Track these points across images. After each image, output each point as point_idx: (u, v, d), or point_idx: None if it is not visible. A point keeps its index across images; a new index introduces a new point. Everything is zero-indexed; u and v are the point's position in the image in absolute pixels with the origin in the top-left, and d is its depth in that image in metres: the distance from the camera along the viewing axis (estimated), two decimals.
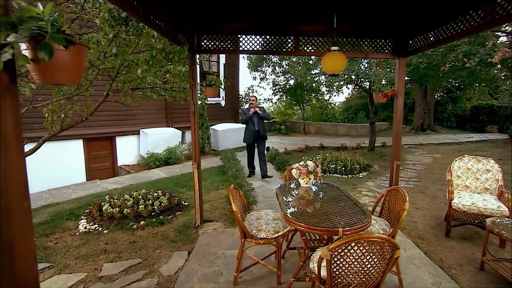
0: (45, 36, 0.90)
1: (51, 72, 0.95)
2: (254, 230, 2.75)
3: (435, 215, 4.61)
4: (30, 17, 0.89)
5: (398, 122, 4.00)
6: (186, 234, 3.90)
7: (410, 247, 3.52)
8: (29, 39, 0.90)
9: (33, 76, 0.98)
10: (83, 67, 1.04)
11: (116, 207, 4.48)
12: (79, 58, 1.02)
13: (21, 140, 1.12)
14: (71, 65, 0.98)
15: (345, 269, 1.90)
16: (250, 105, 6.42)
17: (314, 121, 17.42)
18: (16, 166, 1.09)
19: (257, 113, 6.27)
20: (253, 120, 6.36)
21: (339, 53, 2.77)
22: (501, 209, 3.45)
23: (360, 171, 7.35)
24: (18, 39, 0.85)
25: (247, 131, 6.54)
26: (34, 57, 0.93)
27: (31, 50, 0.93)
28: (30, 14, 0.89)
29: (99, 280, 2.91)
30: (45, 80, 0.97)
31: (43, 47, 0.87)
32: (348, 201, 2.79)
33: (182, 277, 2.92)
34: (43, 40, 0.90)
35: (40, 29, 0.85)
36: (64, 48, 0.91)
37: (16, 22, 0.89)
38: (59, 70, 0.95)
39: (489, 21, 2.32)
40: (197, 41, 3.79)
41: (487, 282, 2.90)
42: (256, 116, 6.33)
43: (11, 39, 0.88)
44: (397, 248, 1.86)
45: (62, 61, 0.94)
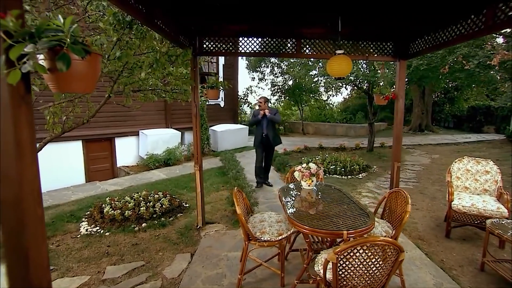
0: (63, 46, 0.90)
1: (67, 82, 0.96)
2: (258, 232, 2.76)
3: (435, 216, 4.65)
4: (48, 28, 0.90)
5: (398, 124, 4.04)
6: (188, 236, 3.90)
7: (411, 248, 3.55)
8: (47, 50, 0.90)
9: (49, 85, 0.98)
10: (98, 76, 1.05)
11: (117, 209, 4.47)
12: (94, 67, 1.03)
13: (35, 148, 1.13)
14: (86, 74, 0.99)
15: (350, 272, 1.92)
16: (259, 107, 5.79)
17: (313, 122, 17.47)
18: (30, 174, 1.09)
19: (265, 116, 5.65)
20: (261, 123, 5.79)
21: (344, 57, 2.79)
22: (501, 210, 3.49)
23: (360, 172, 7.39)
24: (37, 50, 0.85)
25: (255, 135, 5.98)
26: (50, 66, 0.94)
27: (48, 60, 0.94)
28: (49, 25, 0.90)
29: (102, 283, 2.91)
30: (61, 90, 0.98)
31: (61, 58, 0.88)
32: (351, 203, 2.81)
33: (185, 279, 2.92)
34: (60, 50, 0.91)
35: (59, 40, 0.86)
36: (80, 58, 0.92)
37: (34, 32, 0.90)
38: (75, 80, 0.96)
39: (490, 26, 2.35)
40: (199, 43, 3.80)
41: (488, 283, 2.93)
42: (266, 119, 5.71)
43: (29, 50, 0.88)
44: (401, 251, 1.89)
45: (78, 70, 0.94)
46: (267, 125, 5.76)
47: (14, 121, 1.02)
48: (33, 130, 1.11)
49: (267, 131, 5.77)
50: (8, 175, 1.05)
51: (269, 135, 5.78)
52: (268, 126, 5.77)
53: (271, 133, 5.79)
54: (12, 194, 1.06)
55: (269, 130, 5.77)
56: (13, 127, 1.02)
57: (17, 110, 1.02)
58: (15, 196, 1.06)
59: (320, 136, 14.98)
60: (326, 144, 11.46)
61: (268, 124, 5.76)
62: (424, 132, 15.07)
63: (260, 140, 5.85)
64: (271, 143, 5.83)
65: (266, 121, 5.73)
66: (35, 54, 0.89)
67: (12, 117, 1.01)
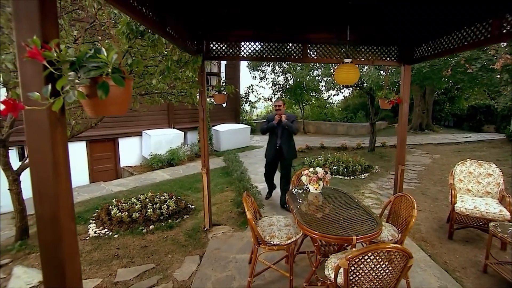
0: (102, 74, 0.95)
1: (104, 107, 1.01)
2: (268, 236, 2.82)
3: (438, 217, 4.72)
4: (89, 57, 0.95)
5: (403, 128, 4.09)
6: (196, 238, 3.97)
7: (415, 250, 3.63)
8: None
9: (86, 109, 1.04)
10: (130, 98, 1.10)
11: (124, 211, 4.53)
12: (128, 91, 1.08)
13: (69, 167, 1.18)
14: (121, 98, 1.05)
15: (361, 277, 1.99)
16: (277, 111, 4.80)
17: (314, 121, 17.52)
18: (65, 192, 1.15)
19: (281, 122, 4.73)
20: (276, 132, 4.89)
21: (352, 66, 2.84)
22: (503, 213, 3.56)
23: (362, 172, 7.45)
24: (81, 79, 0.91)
25: (268, 145, 5.09)
26: (89, 93, 0.99)
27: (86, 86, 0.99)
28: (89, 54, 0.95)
29: (115, 286, 2.98)
30: (97, 114, 1.04)
31: (101, 87, 0.93)
32: (358, 208, 2.88)
33: (196, 282, 2.99)
34: (100, 78, 0.96)
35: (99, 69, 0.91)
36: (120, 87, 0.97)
37: (75, 61, 0.95)
38: (111, 104, 1.01)
39: (497, 36, 2.40)
40: (206, 48, 3.84)
41: (491, 285, 3.00)
42: (281, 127, 4.79)
43: (71, 78, 0.94)
44: (410, 257, 1.95)
45: (114, 95, 0.99)
46: (282, 134, 4.84)
47: (51, 142, 1.07)
48: (67, 149, 1.17)
49: (281, 141, 4.85)
50: (46, 193, 1.11)
51: (283, 147, 4.85)
52: (283, 135, 4.84)
53: (286, 145, 4.85)
54: (49, 210, 1.12)
55: (284, 140, 4.84)
56: (50, 148, 1.08)
57: (54, 131, 1.08)
58: (52, 212, 1.12)
59: (321, 135, 15.04)
60: (327, 143, 11.51)
61: (283, 133, 4.83)
62: (425, 131, 15.14)
63: (273, 152, 4.95)
64: (284, 156, 4.89)
65: (281, 129, 4.82)
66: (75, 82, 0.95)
67: (50, 139, 1.07)
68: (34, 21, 0.99)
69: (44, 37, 1.00)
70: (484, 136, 13.15)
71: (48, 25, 1.02)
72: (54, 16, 1.04)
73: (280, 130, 4.85)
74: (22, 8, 0.99)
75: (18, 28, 1.00)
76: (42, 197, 1.11)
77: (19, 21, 1.00)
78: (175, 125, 9.77)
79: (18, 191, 3.72)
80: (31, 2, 0.98)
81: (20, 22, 1.00)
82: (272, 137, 4.98)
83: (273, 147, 4.95)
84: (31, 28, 0.99)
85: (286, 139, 4.86)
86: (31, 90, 1.03)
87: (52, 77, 1.01)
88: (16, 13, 0.99)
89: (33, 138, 1.07)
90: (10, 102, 0.81)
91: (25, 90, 1.04)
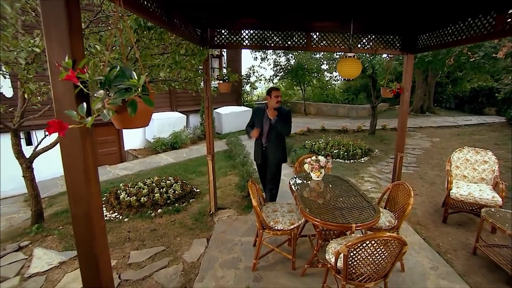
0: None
1: (131, 120, 1.11)
2: (272, 222, 3.00)
3: (434, 201, 4.91)
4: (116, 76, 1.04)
5: (404, 115, 4.17)
6: (202, 221, 4.17)
7: (411, 234, 3.83)
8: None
9: (114, 122, 1.14)
10: (153, 111, 1.19)
11: (132, 195, 4.72)
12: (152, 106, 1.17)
13: (97, 170, 1.30)
14: (146, 113, 1.15)
15: (359, 262, 2.17)
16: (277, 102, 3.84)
17: (315, 102, 17.46)
18: (95, 194, 1.28)
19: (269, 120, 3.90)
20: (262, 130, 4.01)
21: (354, 60, 2.89)
22: (495, 199, 3.73)
23: (362, 156, 7.60)
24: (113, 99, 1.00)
25: (255, 144, 4.23)
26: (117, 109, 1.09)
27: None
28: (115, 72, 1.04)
29: (129, 267, 3.20)
30: (124, 127, 1.14)
31: (130, 105, 1.03)
32: (358, 196, 3.03)
33: (205, 263, 3.21)
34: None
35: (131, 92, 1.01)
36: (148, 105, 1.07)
37: (104, 80, 1.05)
38: (137, 118, 1.11)
39: (500, 31, 2.43)
40: (210, 36, 3.84)
41: (479, 266, 3.22)
42: (268, 123, 3.93)
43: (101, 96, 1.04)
44: (405, 244, 2.12)
45: (141, 111, 1.09)
46: (269, 132, 3.96)
47: (83, 150, 1.19)
48: (96, 156, 1.28)
49: (267, 141, 4.01)
50: (79, 195, 1.24)
51: (268, 148, 4.02)
52: (271, 134, 3.96)
53: (273, 146, 3.99)
54: (83, 210, 1.25)
55: (271, 140, 3.99)
56: (82, 156, 1.19)
57: (84, 141, 1.19)
58: (85, 212, 1.25)
59: (322, 117, 15.07)
60: (328, 126, 11.60)
61: (271, 132, 3.94)
62: (426, 114, 15.15)
63: (261, 154, 4.13)
64: (272, 157, 4.03)
65: (268, 127, 3.94)
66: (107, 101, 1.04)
67: (81, 148, 1.18)
68: (64, 41, 1.07)
69: (73, 56, 1.09)
70: (484, 119, 13.19)
71: (76, 44, 1.10)
72: (80, 36, 1.12)
73: (267, 127, 3.95)
74: (53, 29, 1.06)
75: (49, 47, 1.08)
76: (76, 199, 1.23)
77: (50, 42, 1.08)
78: (177, 108, 9.82)
79: (32, 178, 3.88)
80: (61, 25, 1.05)
81: (51, 42, 1.08)
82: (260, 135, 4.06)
83: (259, 147, 4.12)
84: (62, 48, 1.08)
85: (273, 139, 3.98)
86: (63, 105, 1.13)
87: (81, 92, 1.11)
88: (48, 35, 1.07)
89: (66, 147, 1.19)
90: (56, 123, 0.91)
91: (57, 105, 1.14)
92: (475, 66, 6.71)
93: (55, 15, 1.04)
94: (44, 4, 1.03)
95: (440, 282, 2.92)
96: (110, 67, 1.07)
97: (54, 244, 3.61)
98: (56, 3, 1.03)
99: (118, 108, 1.07)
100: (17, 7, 2.25)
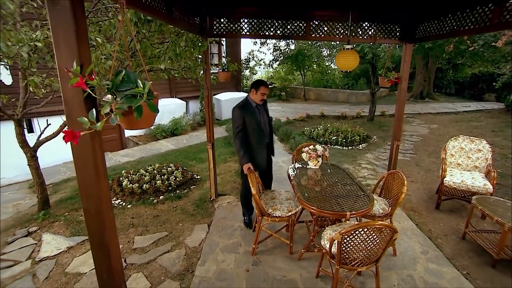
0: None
1: (137, 123, 1.18)
2: (270, 209, 3.13)
3: (428, 188, 5.05)
4: (122, 81, 1.11)
5: (401, 104, 4.22)
6: (203, 207, 4.31)
7: (404, 220, 3.99)
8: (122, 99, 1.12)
9: (121, 124, 1.21)
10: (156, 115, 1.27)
11: (134, 182, 4.84)
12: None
13: (106, 168, 1.39)
14: (150, 116, 1.22)
15: (352, 248, 2.30)
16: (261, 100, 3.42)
17: (314, 87, 17.37)
18: (105, 189, 1.38)
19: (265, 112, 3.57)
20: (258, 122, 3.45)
21: (352, 52, 2.91)
22: (487, 186, 3.86)
23: (360, 142, 7.69)
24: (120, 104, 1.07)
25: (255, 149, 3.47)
26: (124, 113, 1.16)
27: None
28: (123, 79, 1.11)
29: (134, 252, 3.36)
30: (130, 128, 1.22)
31: (137, 110, 1.10)
32: (353, 184, 3.14)
33: (206, 248, 3.36)
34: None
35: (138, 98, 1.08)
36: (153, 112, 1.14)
37: (111, 85, 1.11)
38: (142, 121, 1.19)
39: (496, 24, 2.46)
40: (209, 25, 3.82)
41: (467, 250, 3.39)
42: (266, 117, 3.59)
43: (109, 100, 1.11)
44: (396, 232, 2.24)
45: (146, 115, 1.17)
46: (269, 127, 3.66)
47: (92, 151, 1.27)
48: (104, 154, 1.37)
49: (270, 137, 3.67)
50: (90, 192, 1.33)
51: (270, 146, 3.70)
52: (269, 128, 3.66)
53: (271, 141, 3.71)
54: (94, 205, 1.35)
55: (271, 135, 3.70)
56: (92, 156, 1.28)
57: (93, 142, 1.28)
58: (96, 207, 1.35)
59: (321, 102, 15.06)
60: (327, 111, 11.63)
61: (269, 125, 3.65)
62: (425, 100, 15.12)
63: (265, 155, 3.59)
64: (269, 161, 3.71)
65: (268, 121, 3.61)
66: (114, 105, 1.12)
67: (91, 148, 1.27)
68: (72, 48, 1.13)
69: (81, 61, 1.15)
70: (483, 105, 13.20)
71: (83, 51, 1.16)
72: (87, 43, 1.17)
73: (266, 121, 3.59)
74: (61, 37, 1.12)
75: (58, 54, 1.14)
76: (87, 195, 1.33)
77: (59, 49, 1.13)
78: (176, 94, 9.81)
79: (36, 166, 3.97)
80: (69, 32, 1.10)
81: (60, 49, 1.13)
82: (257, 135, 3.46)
83: (262, 148, 3.53)
84: (70, 54, 1.13)
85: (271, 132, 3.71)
86: (73, 107, 1.21)
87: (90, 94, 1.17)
88: (56, 42, 1.12)
89: (78, 149, 1.27)
90: (69, 132, 0.98)
91: (67, 106, 1.22)
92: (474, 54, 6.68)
93: (63, 24, 1.09)
94: (52, 13, 1.08)
95: (429, 265, 3.09)
96: (116, 72, 1.14)
97: (62, 230, 3.76)
98: (64, 13, 1.07)
99: (124, 112, 1.14)
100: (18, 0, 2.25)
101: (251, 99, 3.47)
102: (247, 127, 3.40)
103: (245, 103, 3.47)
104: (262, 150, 3.53)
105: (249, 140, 3.44)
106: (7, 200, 4.74)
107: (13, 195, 5.03)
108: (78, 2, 1.11)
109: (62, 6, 1.08)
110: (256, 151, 3.49)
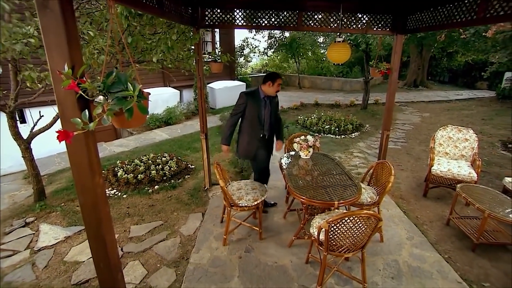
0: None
1: (128, 122, 1.24)
2: (237, 199, 3.20)
3: (417, 176, 5.20)
4: (113, 83, 1.16)
5: (391, 96, 4.28)
6: (197, 197, 4.41)
7: (392, 207, 4.13)
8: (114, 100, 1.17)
9: (113, 123, 1.27)
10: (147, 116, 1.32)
11: (129, 172, 4.90)
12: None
13: (100, 163, 1.45)
14: (142, 117, 1.28)
15: (339, 235, 2.42)
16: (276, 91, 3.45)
17: (309, 75, 17.33)
18: (99, 184, 1.44)
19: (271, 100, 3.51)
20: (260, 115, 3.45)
21: (343, 44, 2.94)
22: (471, 175, 4.00)
23: (353, 131, 7.80)
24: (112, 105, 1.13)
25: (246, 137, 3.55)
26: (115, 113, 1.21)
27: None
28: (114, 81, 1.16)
29: (130, 241, 3.45)
30: (121, 127, 1.27)
31: (127, 111, 1.15)
32: (342, 174, 3.25)
33: (200, 236, 3.48)
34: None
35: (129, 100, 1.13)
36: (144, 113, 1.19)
37: (103, 86, 1.16)
38: (133, 121, 1.24)
39: (482, 18, 2.51)
40: (201, 16, 3.80)
41: (450, 235, 3.55)
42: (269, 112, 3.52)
43: (101, 101, 1.16)
44: (380, 220, 2.36)
45: (136, 115, 1.22)
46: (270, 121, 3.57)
47: (86, 149, 1.33)
48: (97, 151, 1.42)
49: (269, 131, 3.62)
50: (86, 186, 1.39)
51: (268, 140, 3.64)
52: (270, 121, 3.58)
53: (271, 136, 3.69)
54: (90, 199, 1.42)
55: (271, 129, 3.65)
56: (86, 153, 1.33)
57: (87, 140, 1.33)
58: (92, 201, 1.42)
59: (316, 91, 15.07)
60: (321, 100, 11.68)
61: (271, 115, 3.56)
62: (419, 88, 15.22)
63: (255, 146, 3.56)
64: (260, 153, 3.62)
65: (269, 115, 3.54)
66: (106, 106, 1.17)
67: (85, 145, 1.32)
68: (63, 50, 1.16)
69: (72, 63, 1.18)
70: (475, 93, 13.35)
71: (74, 53, 1.19)
72: (78, 45, 1.20)
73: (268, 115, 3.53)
74: (53, 40, 1.15)
75: (50, 56, 1.18)
76: (83, 189, 1.39)
77: (50, 51, 1.17)
78: (170, 83, 9.73)
79: (31, 158, 4.00)
80: (60, 36, 1.14)
81: (51, 51, 1.17)
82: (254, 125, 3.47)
83: (254, 139, 3.52)
84: (62, 56, 1.17)
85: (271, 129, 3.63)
86: (66, 107, 1.25)
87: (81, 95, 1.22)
88: (48, 45, 1.15)
89: (72, 147, 1.32)
90: (63, 132, 1.04)
91: (60, 107, 1.26)
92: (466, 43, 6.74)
93: (54, 26, 1.12)
94: (42, 17, 1.11)
95: (414, 250, 3.24)
96: (107, 73, 1.18)
97: (58, 220, 3.84)
98: (54, 16, 1.10)
99: (116, 112, 1.20)
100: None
101: (262, 90, 3.47)
102: (247, 114, 3.46)
103: (254, 92, 3.50)
104: (253, 141, 3.55)
105: (246, 126, 3.52)
106: (3, 191, 4.78)
107: (8, 186, 5.06)
108: (67, 5, 1.14)
109: (51, 9, 1.11)
110: (248, 139, 3.56)
